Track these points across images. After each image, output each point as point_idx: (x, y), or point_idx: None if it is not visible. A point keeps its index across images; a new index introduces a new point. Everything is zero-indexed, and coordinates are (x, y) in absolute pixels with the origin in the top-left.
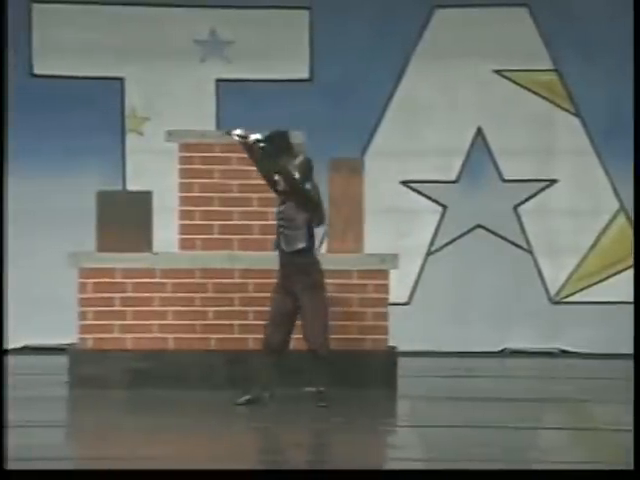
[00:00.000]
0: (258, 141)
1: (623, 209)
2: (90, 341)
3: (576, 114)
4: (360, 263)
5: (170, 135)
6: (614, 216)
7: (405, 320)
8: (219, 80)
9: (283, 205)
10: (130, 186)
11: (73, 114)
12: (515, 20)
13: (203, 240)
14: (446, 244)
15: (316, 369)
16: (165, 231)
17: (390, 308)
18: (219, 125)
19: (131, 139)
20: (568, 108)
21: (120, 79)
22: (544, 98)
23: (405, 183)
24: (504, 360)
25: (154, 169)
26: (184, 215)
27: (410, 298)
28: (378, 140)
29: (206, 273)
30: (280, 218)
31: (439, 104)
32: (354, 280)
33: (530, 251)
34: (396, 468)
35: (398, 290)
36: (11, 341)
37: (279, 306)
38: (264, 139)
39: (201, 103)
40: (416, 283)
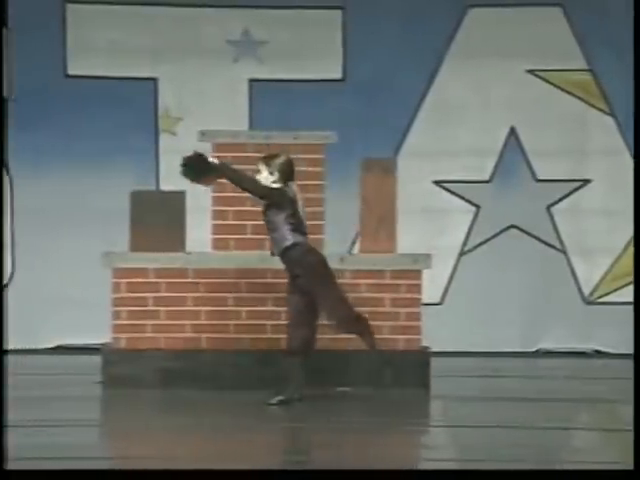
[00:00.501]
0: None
1: None
2: (123, 341)
3: (610, 114)
4: (393, 263)
5: (203, 135)
6: None
7: (438, 320)
8: (252, 80)
9: (263, 213)
10: (163, 186)
11: (107, 114)
12: (548, 19)
13: (236, 240)
14: (479, 244)
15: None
16: (198, 231)
17: (423, 308)
18: (252, 125)
19: (164, 139)
20: (602, 108)
21: (153, 79)
22: (578, 98)
23: (438, 183)
24: (538, 360)
25: None
26: (217, 215)
27: (443, 298)
28: (411, 140)
29: (239, 273)
30: (265, 225)
31: (472, 104)
32: (387, 280)
33: (563, 251)
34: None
35: (431, 290)
36: (44, 341)
37: (294, 305)
38: (182, 163)
39: (234, 103)
40: (449, 283)
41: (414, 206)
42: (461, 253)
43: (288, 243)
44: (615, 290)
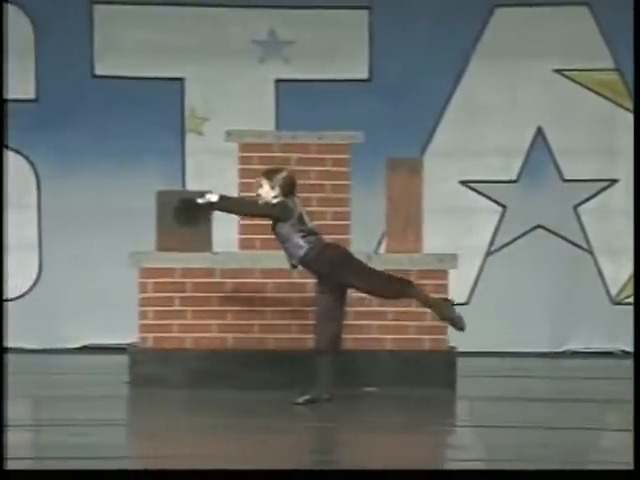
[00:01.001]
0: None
1: None
2: (150, 340)
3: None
4: (419, 263)
5: (229, 135)
6: None
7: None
8: (278, 80)
9: (272, 229)
10: (190, 186)
11: (133, 115)
12: (576, 19)
13: (262, 240)
14: (506, 244)
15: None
16: (225, 231)
17: None
18: (278, 125)
19: (191, 139)
20: (629, 107)
21: (180, 79)
22: (605, 97)
23: (464, 183)
24: (565, 360)
25: (214, 169)
26: None
27: (469, 298)
28: (437, 140)
29: (265, 273)
30: (276, 239)
31: (499, 104)
32: (413, 280)
33: (590, 251)
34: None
35: (457, 290)
36: (71, 341)
37: (323, 304)
38: (173, 211)
39: (260, 103)
40: (475, 283)
41: (440, 206)
42: (487, 253)
43: (303, 251)
44: None
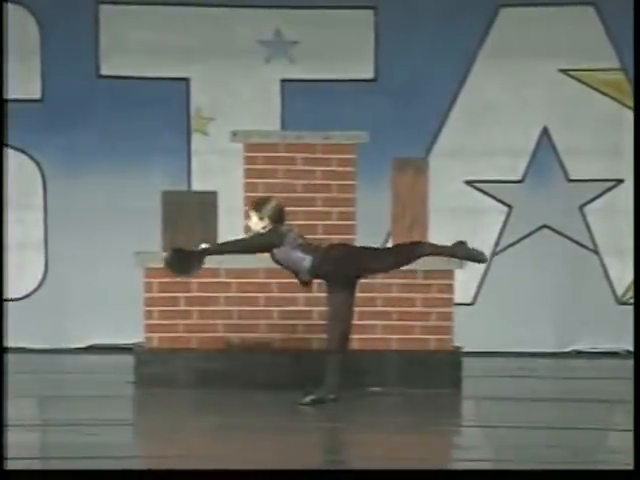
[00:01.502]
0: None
1: None
2: (155, 340)
3: None
4: (425, 263)
5: (235, 135)
6: None
7: (470, 320)
8: (284, 80)
9: (271, 258)
10: (195, 186)
11: (139, 115)
12: (581, 19)
13: None
14: (511, 244)
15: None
16: (230, 231)
17: (455, 308)
18: (284, 125)
19: (196, 139)
20: None
21: (185, 79)
22: (611, 97)
23: (470, 183)
24: (570, 361)
25: (219, 169)
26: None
27: (475, 298)
28: (443, 140)
29: (270, 273)
30: (278, 265)
31: (504, 104)
32: (419, 280)
33: (596, 251)
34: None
35: (463, 290)
36: (77, 340)
37: (333, 304)
38: (165, 263)
39: (266, 103)
40: (481, 283)
41: (446, 206)
42: (493, 253)
43: (308, 262)
44: None
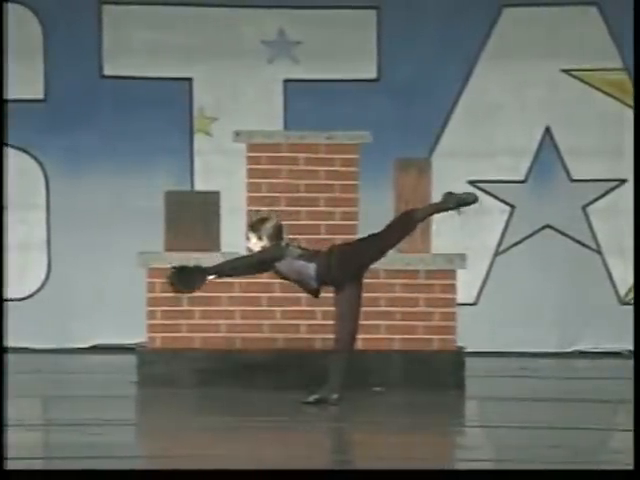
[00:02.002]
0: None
1: None
2: (158, 340)
3: None
4: (428, 263)
5: (238, 135)
6: None
7: (472, 321)
8: (287, 80)
9: (275, 274)
10: (198, 186)
11: (142, 115)
12: (584, 19)
13: None
14: (514, 244)
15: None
16: (233, 231)
17: (457, 308)
18: (286, 125)
19: (199, 139)
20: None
21: (188, 79)
22: (614, 97)
23: (473, 183)
24: (573, 361)
25: (222, 169)
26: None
27: (478, 298)
28: (446, 140)
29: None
30: (284, 279)
31: (507, 104)
32: (421, 280)
33: (599, 251)
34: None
35: (466, 290)
36: (80, 340)
37: (340, 303)
38: (168, 280)
39: (269, 103)
40: (484, 283)
41: None
42: (496, 253)
43: (312, 270)
44: None
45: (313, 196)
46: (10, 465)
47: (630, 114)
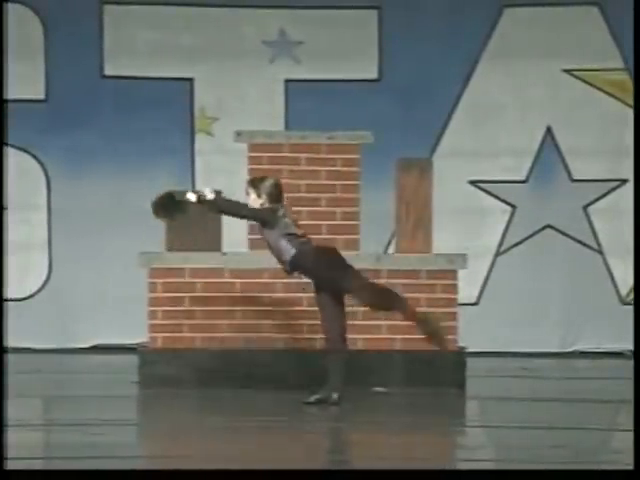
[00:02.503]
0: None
1: None
2: (160, 340)
3: None
4: (429, 263)
5: (239, 135)
6: None
7: (474, 320)
8: (288, 80)
9: (260, 234)
10: (199, 186)
11: (143, 115)
12: (585, 19)
13: None
14: (515, 244)
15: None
16: (234, 231)
17: (459, 308)
18: (288, 125)
19: (200, 139)
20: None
21: (190, 80)
22: (615, 97)
23: (474, 183)
24: (574, 361)
25: (223, 169)
26: None
27: (479, 298)
28: (447, 140)
29: (275, 273)
30: (266, 245)
31: (508, 104)
32: (423, 280)
33: (600, 251)
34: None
35: (467, 290)
36: (82, 340)
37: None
38: (152, 203)
39: (270, 103)
40: (485, 283)
41: (450, 206)
42: (497, 253)
43: (289, 255)
44: None
45: (314, 196)
46: (10, 465)
47: (632, 114)
